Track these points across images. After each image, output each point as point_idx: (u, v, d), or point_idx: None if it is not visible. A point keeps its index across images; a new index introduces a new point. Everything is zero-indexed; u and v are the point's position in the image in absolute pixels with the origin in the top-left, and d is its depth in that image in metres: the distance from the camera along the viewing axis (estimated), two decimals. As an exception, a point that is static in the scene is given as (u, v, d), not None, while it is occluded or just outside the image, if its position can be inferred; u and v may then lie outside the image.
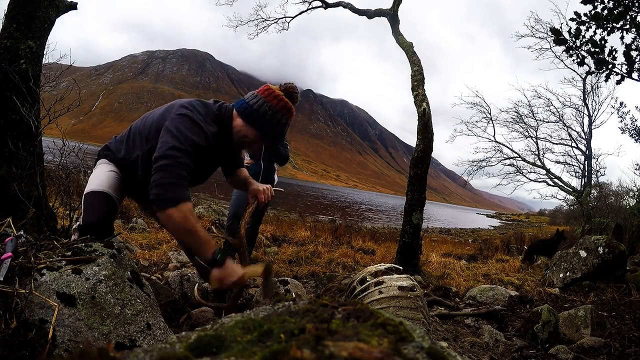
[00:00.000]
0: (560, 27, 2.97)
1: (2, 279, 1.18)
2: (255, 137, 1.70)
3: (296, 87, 1.79)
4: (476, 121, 13.89)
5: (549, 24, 11.65)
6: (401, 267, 2.30)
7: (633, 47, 2.87)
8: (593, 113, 13.21)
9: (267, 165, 3.99)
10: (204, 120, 1.61)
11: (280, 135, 1.74)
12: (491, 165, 13.69)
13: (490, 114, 13.69)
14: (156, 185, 1.41)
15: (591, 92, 13.07)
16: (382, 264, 2.87)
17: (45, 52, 2.59)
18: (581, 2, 2.85)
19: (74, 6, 2.81)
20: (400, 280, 1.90)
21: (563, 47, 2.99)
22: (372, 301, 2.03)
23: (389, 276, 2.02)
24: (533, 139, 13.76)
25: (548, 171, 13.33)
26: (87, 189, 1.76)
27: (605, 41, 2.88)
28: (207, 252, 1.46)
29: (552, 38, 3.04)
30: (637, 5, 2.77)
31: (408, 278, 1.93)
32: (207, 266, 1.47)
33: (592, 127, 13.26)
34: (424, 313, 1.94)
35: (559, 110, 13.77)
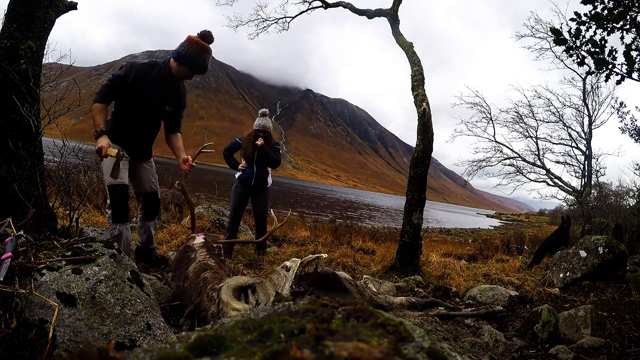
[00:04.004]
0: (560, 27, 2.97)
1: (2, 279, 1.18)
2: (187, 71, 2.56)
3: (209, 31, 2.60)
4: (476, 121, 13.92)
5: (549, 24, 11.67)
6: (325, 255, 2.44)
7: (633, 47, 2.87)
8: (593, 113, 13.24)
9: (259, 168, 4.24)
10: (131, 65, 2.53)
11: (202, 64, 2.55)
12: (491, 165, 13.71)
13: (490, 114, 13.73)
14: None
15: (591, 92, 13.09)
16: (321, 254, 3.07)
17: (45, 52, 2.59)
18: (581, 2, 2.85)
19: (74, 6, 2.81)
20: (291, 263, 1.92)
21: (563, 47, 2.99)
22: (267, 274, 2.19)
23: (293, 260, 2.05)
24: (533, 139, 13.79)
25: (548, 171, 13.34)
26: (108, 180, 2.53)
27: (605, 41, 2.88)
28: (96, 128, 2.39)
29: (552, 38, 3.04)
30: (637, 5, 2.77)
31: (296, 261, 1.94)
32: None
33: (592, 127, 13.29)
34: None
35: (559, 110, 13.80)
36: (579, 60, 3.03)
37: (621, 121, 8.42)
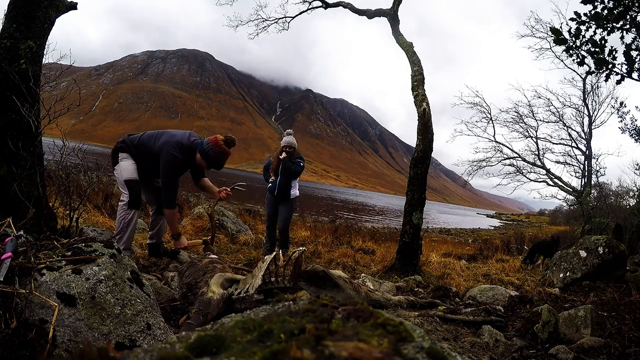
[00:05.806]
0: (560, 27, 2.97)
1: (2, 279, 1.18)
2: (205, 165, 3.12)
3: (233, 137, 3.16)
4: (476, 121, 13.92)
5: (549, 24, 11.67)
6: (304, 248, 2.57)
7: (633, 47, 2.87)
8: (593, 113, 13.24)
9: (282, 179, 4.78)
10: (181, 154, 3.02)
11: (219, 165, 3.13)
12: (491, 165, 13.71)
13: (490, 113, 13.72)
14: (165, 199, 3.12)
15: (591, 92, 13.10)
16: (302, 248, 3.50)
17: (45, 52, 2.59)
18: (581, 2, 2.84)
19: (74, 6, 2.81)
20: (267, 257, 2.26)
21: (563, 47, 2.99)
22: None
23: (268, 256, 2.33)
24: (533, 139, 13.79)
25: (548, 171, 13.34)
26: (127, 176, 3.04)
27: (605, 41, 2.88)
28: (174, 230, 3.26)
29: (552, 38, 3.04)
30: (637, 5, 2.77)
31: (270, 256, 2.24)
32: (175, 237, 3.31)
33: (592, 127, 13.29)
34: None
35: (559, 110, 13.80)
36: (579, 60, 3.02)
37: (621, 121, 8.40)
